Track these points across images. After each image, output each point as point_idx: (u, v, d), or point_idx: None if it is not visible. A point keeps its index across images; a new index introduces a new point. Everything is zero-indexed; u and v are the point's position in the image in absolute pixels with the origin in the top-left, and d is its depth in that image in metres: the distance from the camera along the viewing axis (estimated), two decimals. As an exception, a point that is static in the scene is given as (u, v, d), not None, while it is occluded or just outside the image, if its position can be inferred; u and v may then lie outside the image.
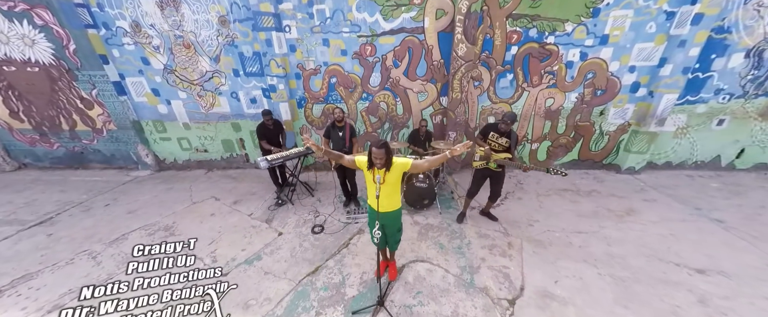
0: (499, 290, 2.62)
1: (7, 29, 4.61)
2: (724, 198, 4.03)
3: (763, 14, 3.76)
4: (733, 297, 2.45)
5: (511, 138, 3.00)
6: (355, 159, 2.22)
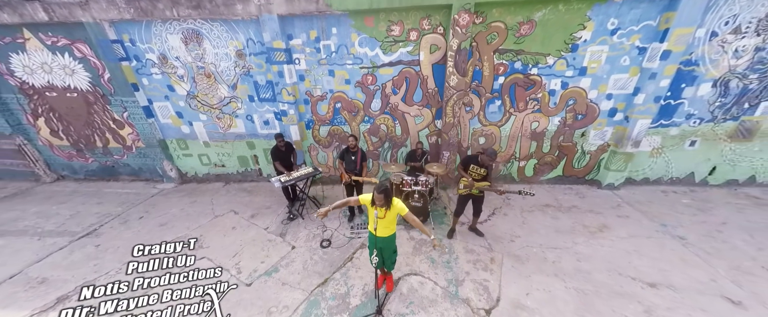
0: (478, 301, 3.08)
1: (50, 60, 5.15)
2: (690, 215, 4.41)
3: (727, 49, 4.10)
4: (674, 308, 2.88)
5: (489, 169, 3.43)
6: (359, 199, 2.67)
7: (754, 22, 3.90)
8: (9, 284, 3.54)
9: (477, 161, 3.45)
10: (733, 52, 4.11)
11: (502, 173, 5.58)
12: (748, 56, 4.11)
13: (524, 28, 4.26)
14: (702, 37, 4.06)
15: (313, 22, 4.51)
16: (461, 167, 3.62)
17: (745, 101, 4.42)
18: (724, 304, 2.91)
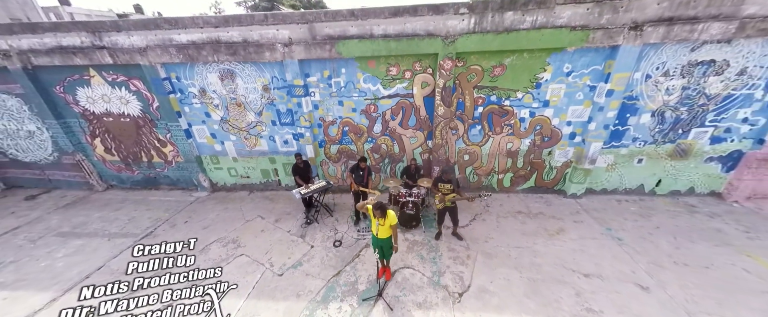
0: (454, 287, 4.08)
1: (109, 93, 6.21)
2: (633, 220, 5.37)
3: (660, 88, 5.05)
4: (597, 292, 3.86)
5: (452, 182, 4.43)
6: (368, 208, 3.66)
7: (679, 67, 4.84)
8: (98, 274, 4.61)
9: (441, 179, 4.45)
10: (665, 90, 5.06)
11: (485, 183, 6.57)
12: (677, 93, 5.06)
13: (497, 70, 5.24)
14: (639, 79, 5.01)
15: (326, 64, 5.52)
16: (433, 186, 4.63)
17: (679, 128, 5.37)
18: (635, 289, 3.89)
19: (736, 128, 5.24)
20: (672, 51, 4.73)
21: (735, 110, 5.08)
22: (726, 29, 4.35)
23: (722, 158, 5.56)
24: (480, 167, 6.35)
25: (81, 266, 4.77)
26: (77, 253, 5.14)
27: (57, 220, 6.25)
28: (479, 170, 6.39)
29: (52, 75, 6.07)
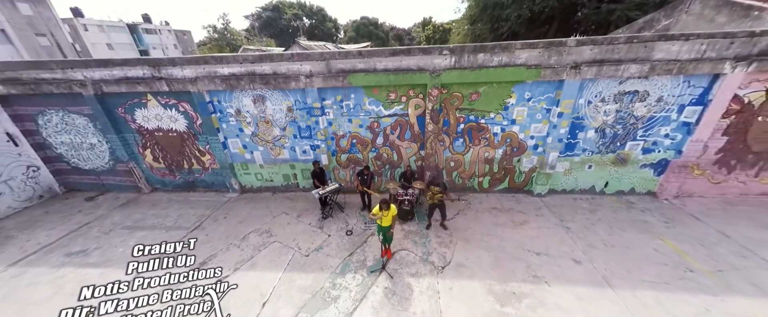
0: (439, 262, 5.42)
1: (162, 112, 7.57)
2: (582, 214, 6.73)
3: (599, 110, 6.43)
4: (543, 265, 5.20)
5: (441, 186, 5.78)
6: (375, 209, 5.00)
7: (612, 95, 6.23)
8: (166, 256, 5.93)
9: (433, 182, 5.81)
10: (603, 112, 6.44)
11: (468, 185, 7.92)
12: (612, 115, 6.44)
13: (474, 96, 6.62)
14: (583, 103, 6.40)
15: (338, 91, 6.90)
16: (426, 187, 5.99)
17: (617, 141, 6.74)
18: (570, 262, 5.23)
19: (660, 141, 6.62)
20: (605, 83, 6.12)
21: (658, 128, 6.46)
22: (642, 69, 5.74)
23: (653, 164, 6.94)
24: (463, 172, 7.70)
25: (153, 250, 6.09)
26: (143, 241, 6.46)
27: (119, 217, 7.58)
28: (463, 174, 7.75)
29: (117, 99, 7.43)
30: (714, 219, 6.23)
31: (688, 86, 5.94)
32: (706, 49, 5.51)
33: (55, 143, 8.33)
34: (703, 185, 6.96)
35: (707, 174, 6.83)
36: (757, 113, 6.01)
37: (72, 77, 7.13)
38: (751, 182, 6.80)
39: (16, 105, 7.75)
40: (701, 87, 5.92)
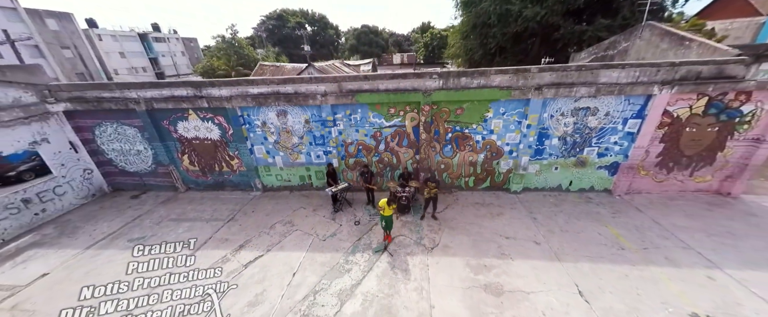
0: (429, 244, 6.81)
1: (200, 124, 9.00)
2: (548, 207, 8.11)
3: (560, 122, 7.84)
4: (511, 246, 6.59)
5: (435, 182, 7.19)
6: (381, 203, 6.40)
7: (570, 110, 7.65)
8: (211, 241, 7.34)
9: (429, 180, 7.23)
10: (563, 124, 7.86)
11: (456, 184, 9.32)
12: (571, 126, 7.85)
13: (458, 111, 8.04)
14: (547, 117, 7.81)
15: (348, 107, 8.32)
16: (422, 184, 7.40)
17: (577, 147, 8.15)
18: (532, 244, 6.62)
19: (611, 147, 8.02)
20: (563, 101, 7.54)
21: (608, 136, 7.87)
22: (590, 90, 7.16)
23: (607, 166, 8.34)
24: (452, 173, 9.11)
25: (199, 236, 7.50)
26: (190, 230, 7.88)
27: (163, 211, 9.00)
28: (451, 175, 9.15)
29: (163, 113, 8.87)
30: (652, 211, 7.62)
31: (628, 103, 7.36)
32: (639, 75, 6.94)
33: (107, 150, 9.77)
34: (648, 184, 8.36)
35: (651, 174, 8.23)
36: (684, 124, 7.42)
37: (128, 96, 8.58)
38: (687, 181, 8.20)
39: (77, 118, 9.20)
40: (638, 104, 7.34)
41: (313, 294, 5.58)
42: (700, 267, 5.69)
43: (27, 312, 5.49)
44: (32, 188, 8.35)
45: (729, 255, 5.93)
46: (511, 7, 13.02)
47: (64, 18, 24.12)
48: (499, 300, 5.21)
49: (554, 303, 5.07)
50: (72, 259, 6.92)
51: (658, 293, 5.15)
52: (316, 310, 5.21)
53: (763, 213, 7.28)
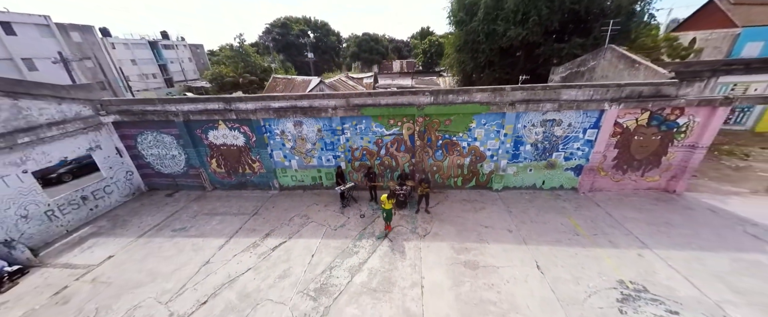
0: (422, 232, 8.25)
1: (228, 133, 10.48)
2: (522, 203, 9.56)
3: (532, 132, 9.30)
4: (488, 234, 8.03)
5: (428, 182, 8.66)
6: (383, 198, 7.86)
7: (539, 122, 9.11)
8: (241, 231, 8.78)
9: (424, 180, 8.69)
10: (534, 133, 9.33)
11: (447, 183, 10.76)
12: (541, 135, 9.31)
13: (447, 122, 9.51)
14: (521, 127, 9.28)
15: (354, 118, 9.79)
16: (417, 183, 8.87)
17: (547, 152, 9.61)
18: (506, 232, 8.06)
19: (574, 152, 9.49)
20: (533, 115, 9.02)
21: (571, 143, 9.34)
22: (554, 106, 8.64)
23: (573, 168, 9.80)
24: (443, 174, 10.57)
25: (230, 227, 8.95)
26: (222, 222, 9.33)
27: (196, 207, 10.45)
28: (442, 176, 10.60)
29: (197, 124, 10.35)
30: (608, 205, 9.07)
31: (586, 116, 8.84)
32: (593, 93, 8.42)
33: (146, 155, 11.25)
34: (608, 183, 9.82)
35: (609, 175, 9.69)
36: (633, 133, 8.89)
37: (168, 109, 10.07)
38: (639, 180, 9.66)
39: (123, 128, 10.68)
40: (594, 117, 8.82)
41: (329, 269, 7.02)
42: (634, 248, 7.14)
43: (105, 283, 6.93)
44: (88, 187, 9.81)
45: (660, 240, 7.37)
46: (497, 27, 14.57)
47: (86, 30, 25.65)
48: (474, 273, 6.65)
49: (517, 274, 6.51)
50: (129, 245, 8.37)
51: (597, 267, 6.60)
52: (333, 280, 6.65)
53: (698, 207, 8.73)
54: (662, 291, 5.85)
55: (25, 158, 8.16)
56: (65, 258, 7.96)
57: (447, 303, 5.90)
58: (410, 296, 6.12)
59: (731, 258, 6.60)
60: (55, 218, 8.87)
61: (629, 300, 5.70)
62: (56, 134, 8.69)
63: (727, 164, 11.66)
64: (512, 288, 6.16)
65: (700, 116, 8.42)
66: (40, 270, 7.50)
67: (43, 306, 6.37)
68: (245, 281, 6.78)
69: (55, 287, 6.88)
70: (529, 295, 5.96)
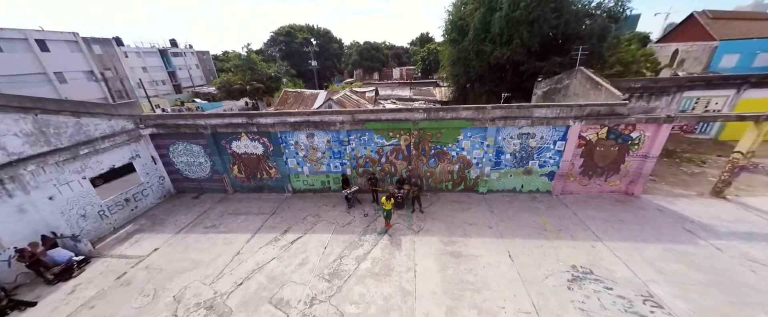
0: (416, 228, 9.74)
1: (249, 143, 12.00)
2: (503, 204, 11.05)
3: (510, 143, 10.82)
4: (473, 230, 9.52)
5: (418, 186, 10.16)
6: (383, 199, 9.37)
7: (516, 135, 10.63)
8: (263, 228, 10.27)
9: (417, 185, 10.19)
10: (512, 144, 10.83)
11: (439, 187, 12.26)
12: (519, 146, 10.83)
13: (439, 134, 11.03)
14: (501, 139, 10.80)
15: (359, 131, 11.31)
16: (411, 186, 10.39)
17: (524, 161, 11.12)
18: (486, 228, 9.56)
19: (547, 160, 11.00)
20: (511, 129, 10.54)
21: (544, 153, 10.86)
22: (528, 122, 10.16)
23: (547, 174, 11.31)
24: (436, 179, 12.07)
25: (254, 225, 10.45)
26: (246, 221, 10.83)
27: (221, 207, 11.94)
28: (435, 181, 12.10)
29: (223, 136, 11.88)
30: (575, 206, 10.57)
31: (555, 130, 10.36)
32: (559, 112, 9.95)
33: (177, 162, 12.77)
34: (576, 187, 11.33)
35: (578, 180, 11.20)
36: (595, 145, 10.41)
37: (198, 123, 11.61)
38: (603, 185, 11.17)
39: (158, 139, 12.21)
40: (562, 131, 10.34)
41: (339, 258, 8.51)
42: (590, 240, 8.63)
43: (157, 269, 8.42)
44: (130, 190, 11.32)
45: (612, 234, 8.87)
46: (485, 47, 16.18)
47: (106, 43, 27.25)
48: (458, 260, 8.14)
49: (492, 261, 8.00)
50: (170, 240, 9.86)
51: (557, 255, 8.09)
52: (343, 267, 8.14)
53: (649, 208, 10.23)
54: (604, 273, 7.34)
55: (85, 167, 9.68)
56: (118, 250, 9.45)
57: (434, 282, 7.38)
58: (405, 278, 7.61)
59: (664, 248, 8.09)
60: (105, 216, 10.37)
61: (577, 280, 7.19)
62: (108, 145, 10.21)
63: (685, 170, 13.19)
64: (487, 272, 7.65)
65: (649, 131, 9.95)
66: (99, 260, 8.99)
67: (110, 287, 7.86)
68: (271, 267, 8.27)
69: (117, 273, 8.36)
70: (500, 277, 7.45)
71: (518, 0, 14.32)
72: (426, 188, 12.07)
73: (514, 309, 6.49)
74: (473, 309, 6.56)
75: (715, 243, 8.22)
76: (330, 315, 6.64)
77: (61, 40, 22.48)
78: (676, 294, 6.61)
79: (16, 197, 7.92)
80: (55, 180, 8.81)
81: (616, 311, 6.29)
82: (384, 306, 6.79)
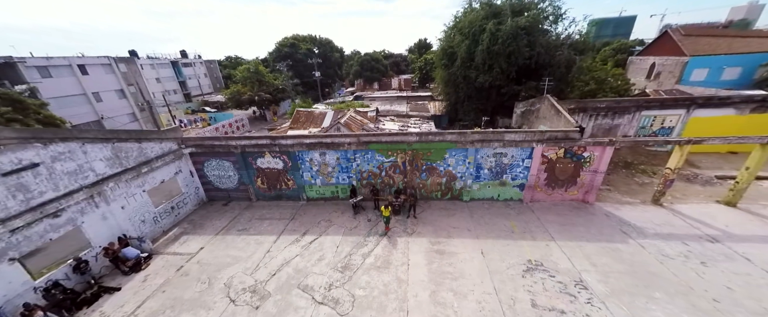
0: (411, 231, 11.96)
1: (271, 160, 14.24)
2: (482, 210, 13.27)
3: (487, 161, 13.07)
4: (455, 232, 11.74)
5: (413, 196, 12.40)
6: (382, 208, 11.61)
7: (491, 154, 12.91)
8: (285, 231, 12.49)
9: (412, 195, 12.43)
10: (489, 161, 13.08)
11: (430, 196, 14.49)
12: (494, 162, 13.08)
13: (428, 154, 13.28)
14: (480, 157, 13.04)
15: (363, 151, 13.56)
16: (406, 196, 12.63)
17: (499, 174, 13.37)
18: (466, 231, 11.78)
19: (517, 174, 13.25)
20: (488, 150, 12.79)
21: (515, 168, 13.11)
22: (500, 144, 12.42)
23: (518, 186, 13.55)
24: (427, 190, 14.30)
25: (277, 228, 12.66)
26: (271, 225, 13.05)
27: (248, 214, 14.16)
28: (427, 191, 14.33)
29: (250, 154, 14.11)
30: (540, 212, 12.81)
31: (523, 151, 12.62)
32: (525, 136, 12.21)
33: (210, 175, 15.00)
34: (543, 196, 13.58)
35: (544, 190, 13.45)
36: (555, 162, 12.67)
37: (230, 144, 13.85)
38: (564, 194, 13.42)
39: (195, 157, 14.45)
40: (528, 151, 12.60)
41: (349, 255, 10.73)
42: (545, 240, 10.87)
43: (206, 264, 10.63)
44: (174, 200, 13.54)
45: (564, 235, 11.11)
46: (471, 73, 18.52)
47: (130, 61, 29.47)
48: (441, 256, 10.36)
49: (467, 257, 10.22)
50: (211, 240, 12.08)
51: (518, 251, 10.31)
52: (352, 261, 10.35)
53: (598, 213, 12.47)
54: (551, 265, 9.57)
55: (144, 182, 11.91)
56: (171, 249, 11.66)
57: (423, 273, 9.61)
58: (401, 270, 9.83)
59: (601, 246, 10.34)
60: (158, 221, 12.59)
61: (530, 270, 9.42)
62: (160, 164, 12.44)
63: (638, 180, 15.45)
64: (463, 265, 9.88)
65: (597, 152, 12.22)
66: (159, 256, 11.20)
67: (173, 277, 10.07)
68: (296, 262, 10.48)
69: (176, 266, 10.57)
70: (473, 268, 9.68)
71: (496, 36, 16.68)
72: (419, 197, 14.32)
73: (480, 291, 8.72)
74: (450, 292, 8.78)
75: (641, 241, 10.46)
76: (344, 296, 8.85)
77: (97, 64, 24.77)
78: (599, 279, 8.84)
79: (101, 208, 10.15)
80: (125, 193, 11.04)
81: (554, 292, 8.52)
82: (384, 289, 9.01)
